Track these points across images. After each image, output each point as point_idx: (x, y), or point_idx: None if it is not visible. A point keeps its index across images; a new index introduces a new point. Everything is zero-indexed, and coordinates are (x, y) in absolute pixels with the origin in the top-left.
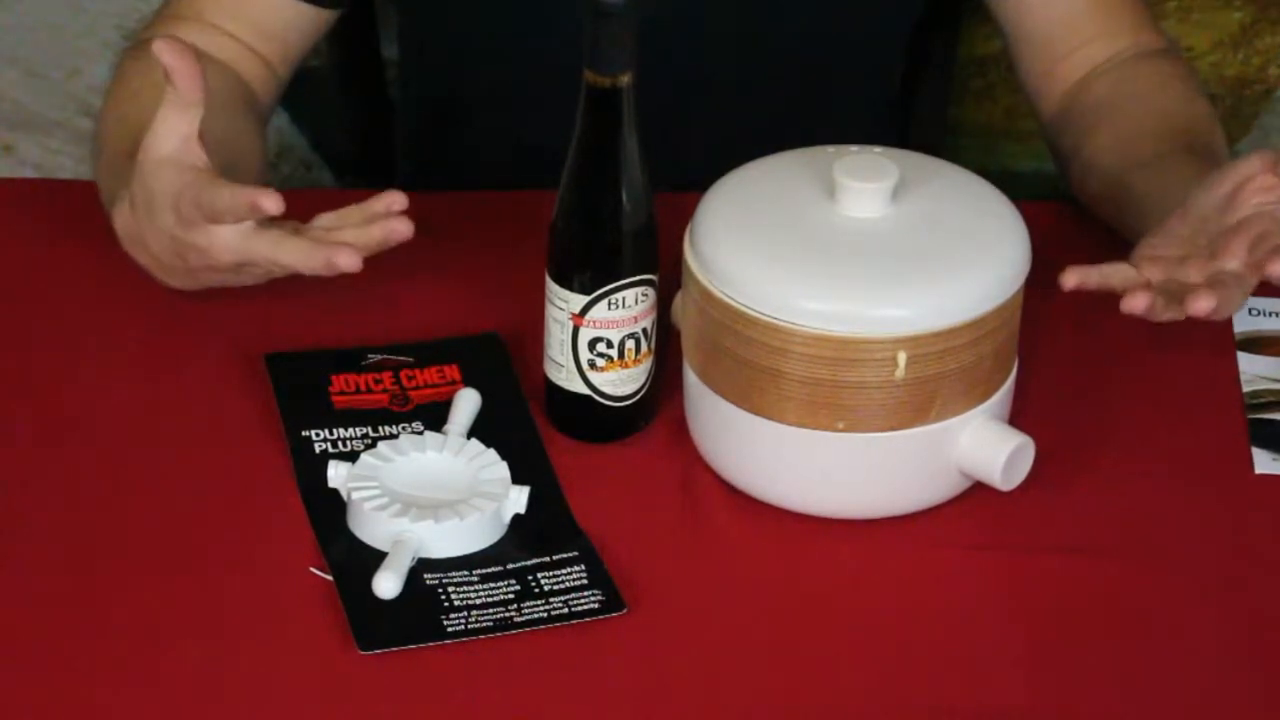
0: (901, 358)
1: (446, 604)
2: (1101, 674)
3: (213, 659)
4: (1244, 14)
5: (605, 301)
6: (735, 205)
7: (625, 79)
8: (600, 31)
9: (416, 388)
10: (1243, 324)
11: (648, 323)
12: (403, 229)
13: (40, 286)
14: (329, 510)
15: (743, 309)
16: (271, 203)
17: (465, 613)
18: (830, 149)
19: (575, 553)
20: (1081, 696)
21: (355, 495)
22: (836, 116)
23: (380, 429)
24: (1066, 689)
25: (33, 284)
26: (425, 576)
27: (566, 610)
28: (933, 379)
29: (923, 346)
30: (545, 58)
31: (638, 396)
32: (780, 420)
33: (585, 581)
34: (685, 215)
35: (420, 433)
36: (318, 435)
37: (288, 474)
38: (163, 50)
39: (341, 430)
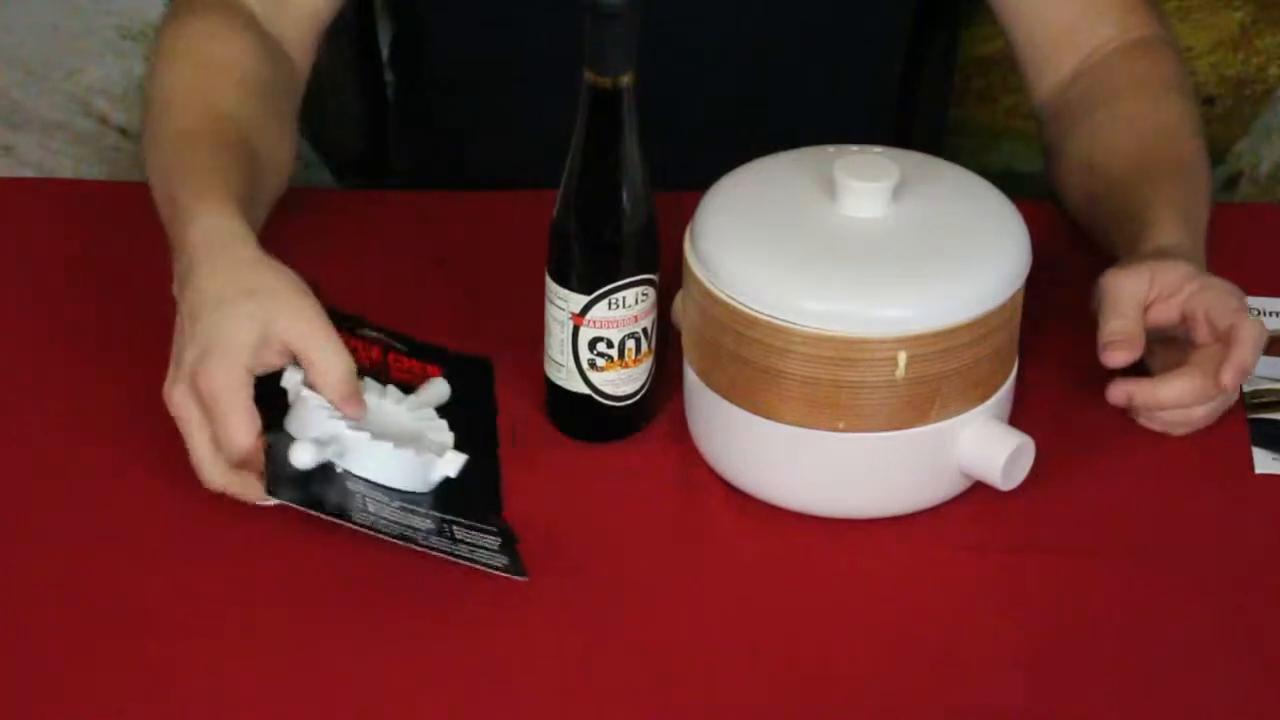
0: (902, 358)
1: (362, 508)
2: (1101, 674)
3: (213, 659)
4: (1244, 14)
5: (605, 301)
6: (735, 205)
7: (626, 79)
8: (601, 32)
9: (401, 371)
10: None
11: (648, 322)
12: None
13: (41, 286)
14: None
15: (743, 309)
16: (252, 494)
17: (374, 518)
18: (830, 149)
19: (494, 529)
20: (1081, 696)
21: (304, 393)
22: (837, 116)
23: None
24: (1066, 689)
25: (33, 284)
26: (349, 481)
27: (470, 556)
28: (933, 379)
29: (923, 346)
30: (544, 57)
31: (638, 396)
32: (780, 420)
33: (496, 547)
34: (685, 215)
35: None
36: (291, 379)
37: None
38: None
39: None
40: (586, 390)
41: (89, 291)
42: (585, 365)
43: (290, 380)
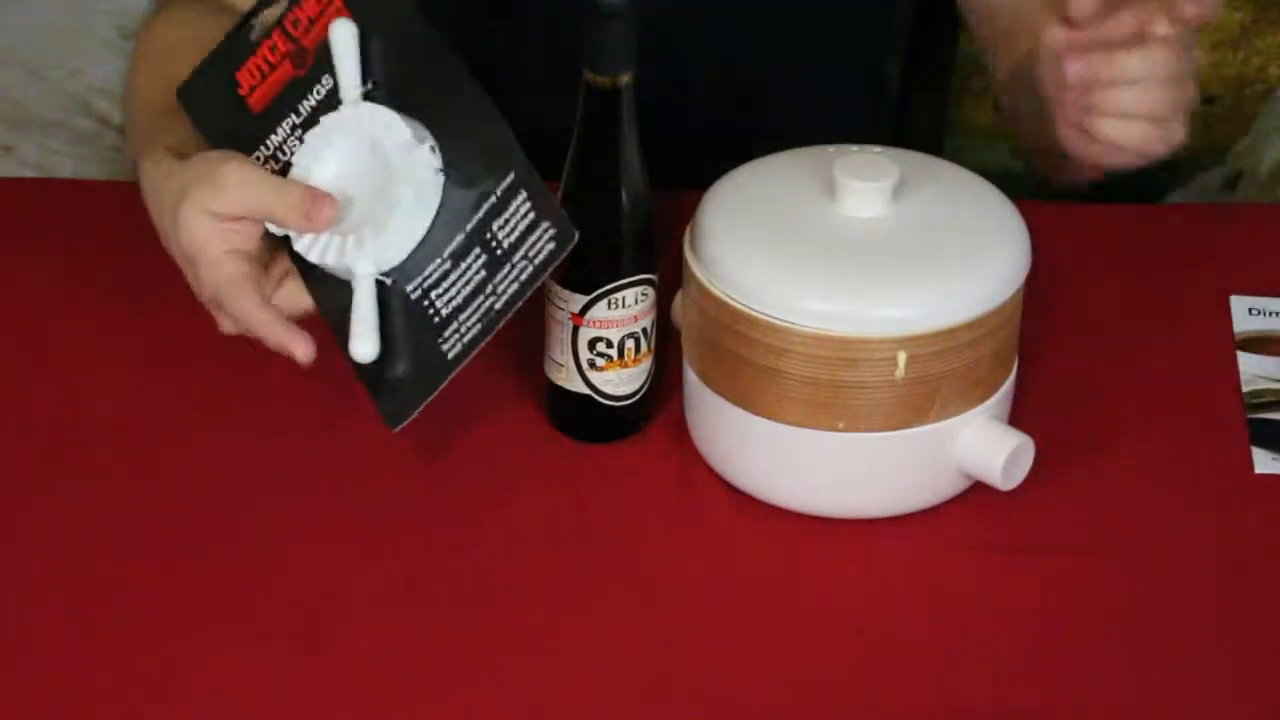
0: (901, 358)
1: (435, 317)
2: (1101, 674)
3: (213, 659)
4: (1244, 14)
5: (605, 301)
6: (735, 205)
7: (625, 79)
8: (600, 31)
9: (305, 32)
10: (1243, 324)
11: (647, 322)
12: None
13: (40, 286)
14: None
15: (743, 309)
16: (302, 350)
17: (455, 324)
18: (830, 149)
19: (511, 175)
20: (1081, 696)
21: (296, 246)
22: (836, 116)
23: (301, 108)
24: (1066, 689)
25: (33, 284)
26: (409, 291)
27: (531, 267)
28: (933, 379)
29: (923, 346)
30: (543, 56)
31: (638, 396)
32: (780, 420)
33: (533, 217)
34: (685, 215)
35: (330, 88)
36: (256, 157)
37: (289, 472)
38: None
39: (273, 136)
40: (586, 390)
41: (89, 291)
42: (585, 365)
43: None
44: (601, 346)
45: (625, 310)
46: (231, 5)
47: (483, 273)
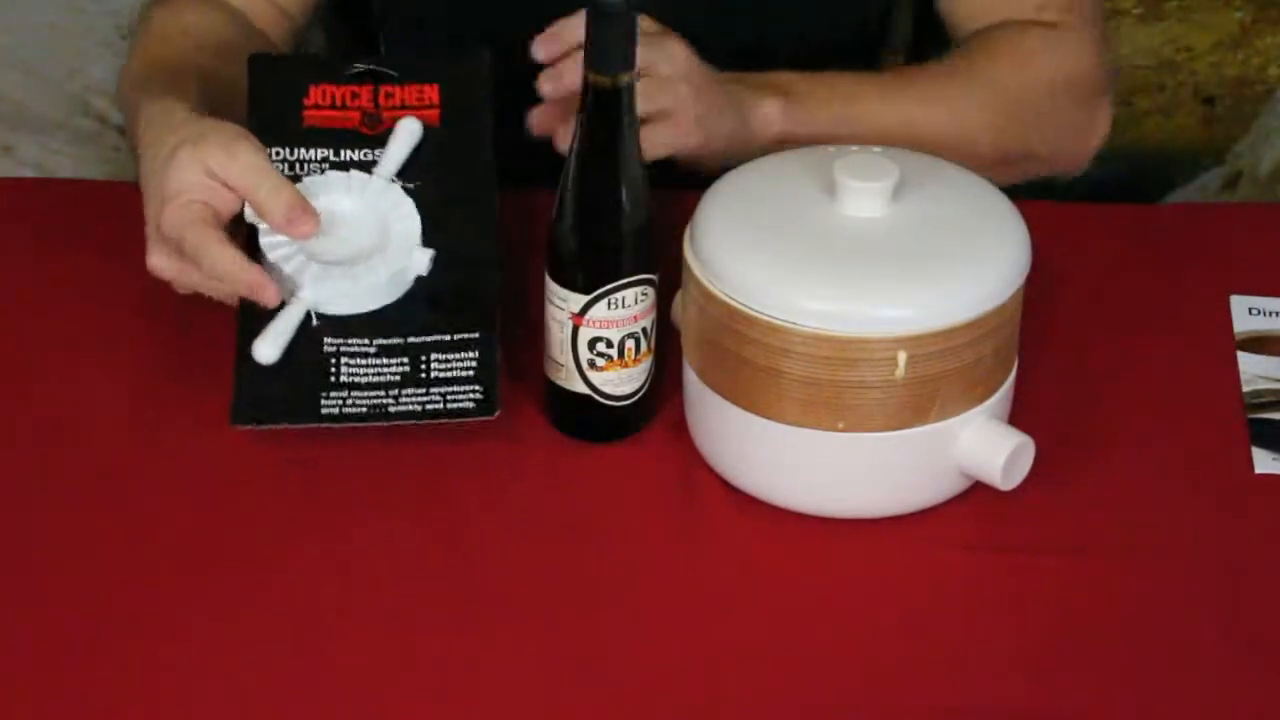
0: (901, 357)
1: (333, 378)
2: (1101, 674)
3: (213, 656)
4: (1244, 14)
5: (605, 301)
6: (735, 205)
7: (626, 78)
8: (601, 31)
9: (393, 108)
10: (1243, 324)
11: (647, 322)
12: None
13: (40, 286)
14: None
15: (743, 309)
16: (271, 294)
17: (346, 393)
18: (830, 149)
19: (475, 334)
20: (1081, 696)
21: (263, 239)
22: None
23: (343, 153)
24: (1066, 689)
25: (33, 284)
26: (326, 342)
27: (441, 404)
28: (933, 379)
29: (923, 346)
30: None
31: (638, 396)
32: (780, 420)
33: (472, 373)
34: (685, 215)
35: (361, 164)
36: (278, 155)
37: (289, 472)
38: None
39: (304, 151)
40: (586, 390)
41: (89, 291)
42: (585, 365)
43: (252, 214)
44: (601, 346)
45: (625, 310)
46: (226, 2)
47: (396, 378)
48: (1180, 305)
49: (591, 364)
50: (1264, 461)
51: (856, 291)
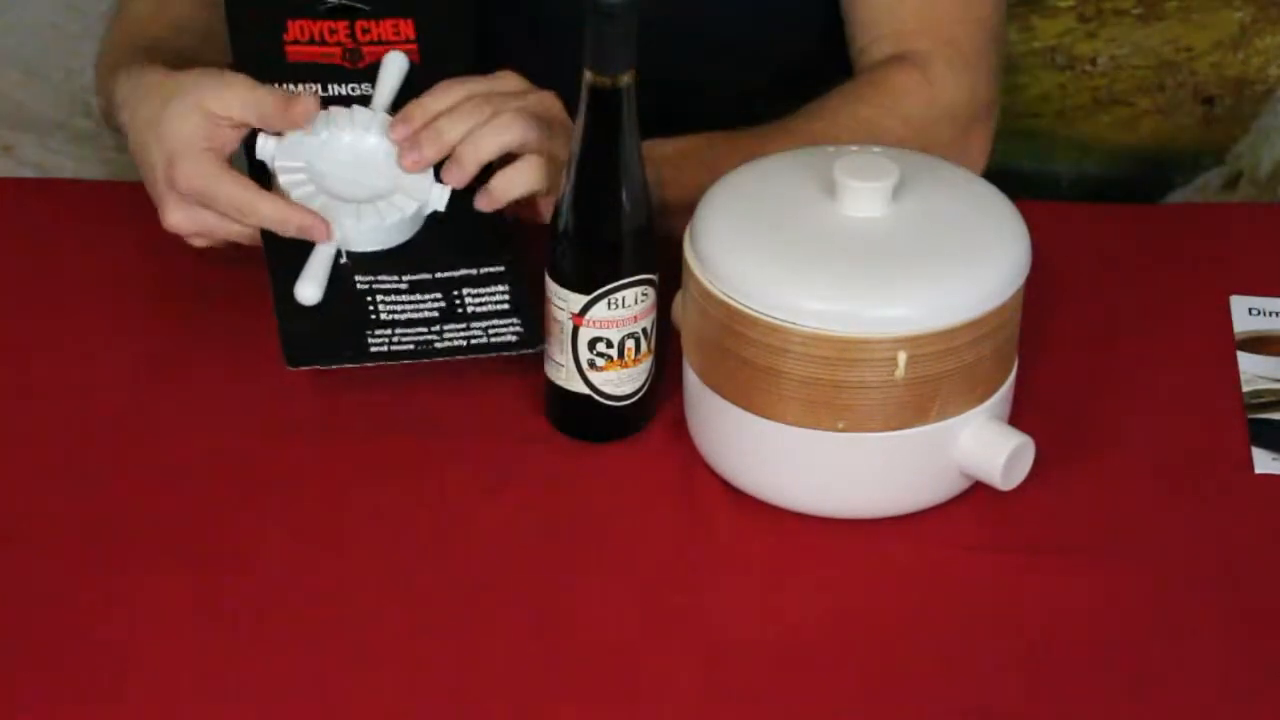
0: (902, 357)
1: (374, 315)
2: (1101, 674)
3: (211, 655)
4: (1244, 14)
5: (605, 301)
6: (735, 205)
7: (626, 79)
8: (601, 31)
9: (371, 43)
10: (1243, 324)
11: (648, 322)
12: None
13: (40, 286)
14: (267, 183)
15: (743, 309)
16: (322, 232)
17: (390, 330)
18: (830, 149)
19: (500, 268)
20: (1081, 697)
21: (282, 179)
22: None
23: (330, 88)
24: (1066, 689)
25: (33, 284)
26: (357, 280)
27: (485, 340)
28: (933, 379)
29: (923, 346)
30: (543, 56)
31: (638, 396)
32: (780, 420)
33: (506, 307)
34: None
35: (368, 95)
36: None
37: (288, 471)
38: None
39: (292, 87)
40: (586, 390)
41: (89, 291)
42: (585, 365)
43: (264, 151)
44: (602, 346)
45: (625, 310)
46: None
47: (435, 313)
48: (1180, 305)
49: (591, 364)
50: (1264, 461)
51: (856, 291)
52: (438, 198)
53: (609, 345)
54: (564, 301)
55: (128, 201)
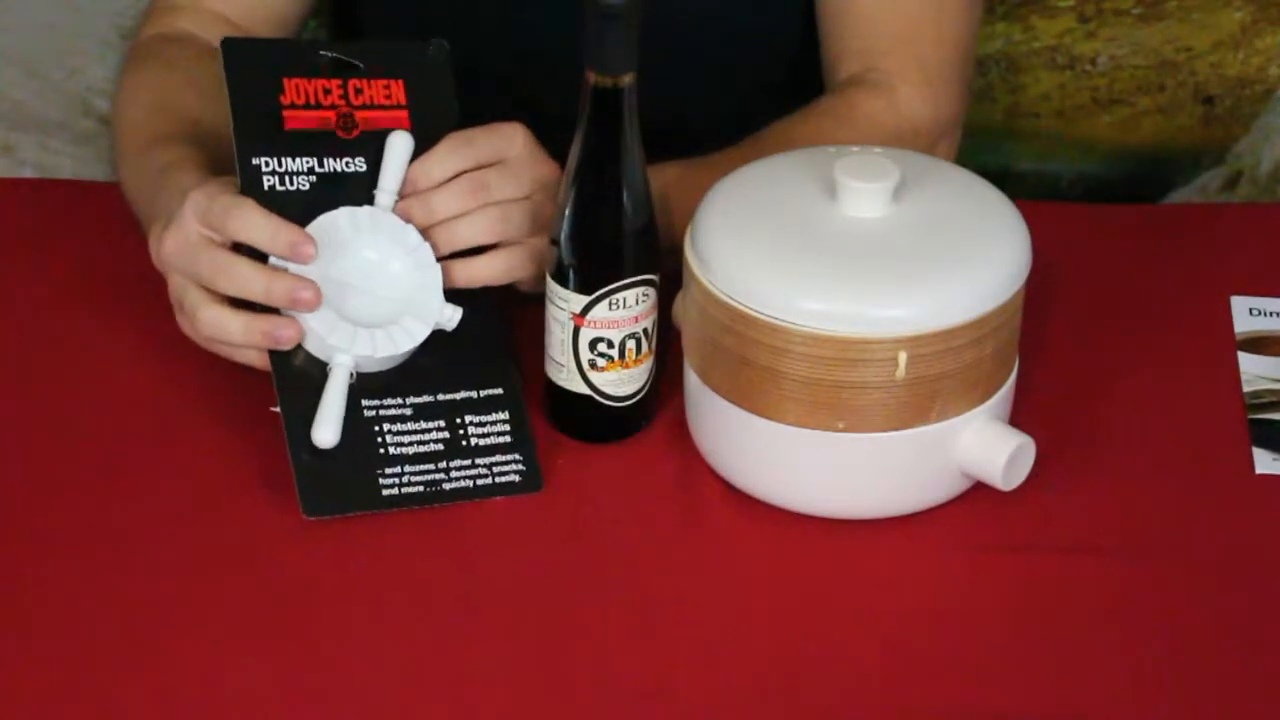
0: (902, 358)
1: (382, 449)
2: (1102, 674)
3: (211, 656)
4: (1244, 14)
5: (606, 301)
6: (735, 205)
7: (627, 79)
8: (603, 32)
9: (364, 106)
10: (1243, 324)
11: (648, 323)
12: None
13: (40, 286)
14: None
15: (743, 309)
16: (308, 250)
17: (399, 469)
18: (830, 149)
19: (500, 390)
20: (1082, 696)
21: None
22: None
23: (326, 163)
24: (1067, 689)
25: (33, 284)
26: (364, 405)
27: (491, 482)
28: (933, 379)
29: (923, 346)
30: (544, 57)
31: (638, 396)
32: (780, 420)
33: (508, 439)
34: None
35: (361, 171)
36: (267, 166)
37: (288, 473)
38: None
39: (290, 161)
40: (587, 390)
41: (89, 291)
42: (586, 365)
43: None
44: (602, 347)
45: (626, 311)
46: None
47: (440, 447)
48: (1180, 305)
49: (592, 364)
50: (1264, 461)
51: (857, 291)
52: (450, 319)
53: (610, 346)
54: (565, 302)
55: (127, 201)
